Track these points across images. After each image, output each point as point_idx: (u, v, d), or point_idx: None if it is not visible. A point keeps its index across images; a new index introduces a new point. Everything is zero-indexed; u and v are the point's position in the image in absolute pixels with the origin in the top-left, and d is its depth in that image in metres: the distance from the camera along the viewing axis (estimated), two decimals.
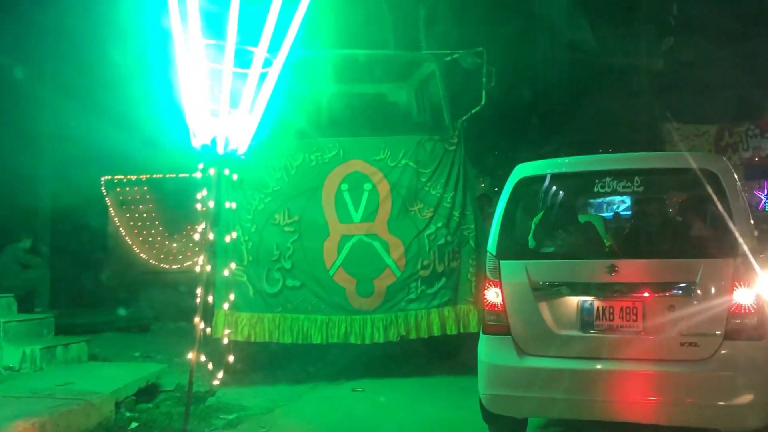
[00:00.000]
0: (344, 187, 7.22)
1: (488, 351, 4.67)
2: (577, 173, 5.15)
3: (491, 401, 4.66)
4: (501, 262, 4.67)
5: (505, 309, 4.58)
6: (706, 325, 4.21)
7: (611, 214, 5.71)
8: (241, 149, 5.62)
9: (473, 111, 7.48)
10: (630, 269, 4.41)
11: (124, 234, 13.12)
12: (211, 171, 5.60)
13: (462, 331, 7.21)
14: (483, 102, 7.37)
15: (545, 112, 16.64)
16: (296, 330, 7.01)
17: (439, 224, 7.29)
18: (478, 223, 7.54)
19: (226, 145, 5.46)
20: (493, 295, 4.64)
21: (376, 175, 7.25)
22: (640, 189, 4.91)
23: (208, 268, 5.62)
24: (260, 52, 5.24)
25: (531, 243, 5.11)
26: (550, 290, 4.56)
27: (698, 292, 4.25)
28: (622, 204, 5.42)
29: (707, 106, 18.06)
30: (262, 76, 5.39)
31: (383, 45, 8.45)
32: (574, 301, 4.47)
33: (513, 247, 4.82)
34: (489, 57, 7.36)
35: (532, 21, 16.32)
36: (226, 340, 6.47)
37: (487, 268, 4.80)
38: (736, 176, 4.58)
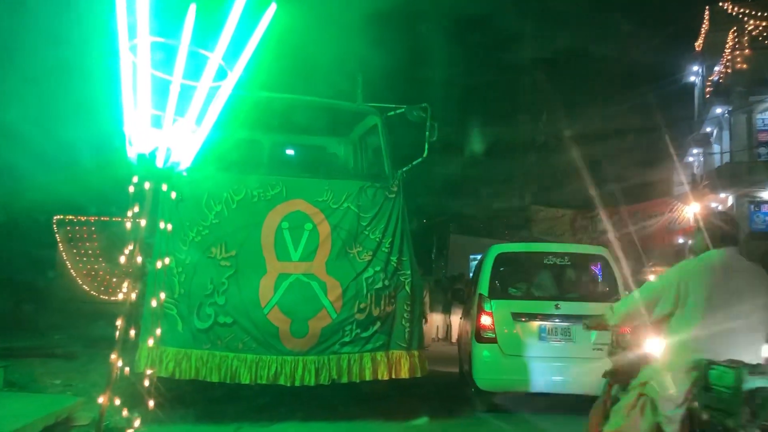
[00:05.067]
0: (285, 225, 7.14)
1: (483, 353, 7.65)
2: (534, 252, 8.71)
3: (484, 383, 7.67)
4: (492, 300, 7.77)
5: (494, 328, 7.65)
6: (606, 339, 6.27)
7: (551, 275, 8.33)
8: (184, 164, 5.08)
9: (415, 162, 7.64)
10: (566, 307, 7.63)
11: (69, 267, 13.88)
12: (147, 185, 4.95)
13: (393, 376, 7.11)
14: (425, 154, 7.54)
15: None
16: (224, 369, 6.70)
17: (378, 268, 7.26)
18: (414, 270, 7.55)
19: (167, 158, 4.90)
20: (486, 320, 7.66)
21: (317, 215, 7.22)
22: (568, 262, 8.39)
23: (134, 296, 5.03)
24: (215, 60, 4.73)
25: (510, 290, 8.18)
26: (522, 317, 7.67)
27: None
28: (555, 269, 8.33)
29: (566, 194, 24.83)
30: (214, 89, 4.90)
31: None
32: (535, 324, 7.65)
33: (499, 292, 8.02)
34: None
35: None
36: (148, 378, 5.67)
37: (483, 303, 7.73)
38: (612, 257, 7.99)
